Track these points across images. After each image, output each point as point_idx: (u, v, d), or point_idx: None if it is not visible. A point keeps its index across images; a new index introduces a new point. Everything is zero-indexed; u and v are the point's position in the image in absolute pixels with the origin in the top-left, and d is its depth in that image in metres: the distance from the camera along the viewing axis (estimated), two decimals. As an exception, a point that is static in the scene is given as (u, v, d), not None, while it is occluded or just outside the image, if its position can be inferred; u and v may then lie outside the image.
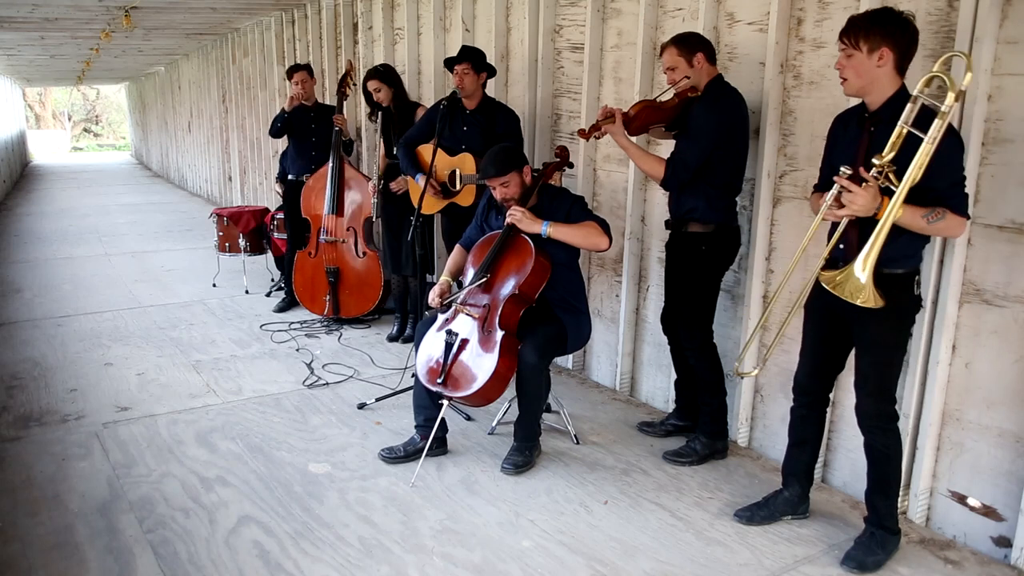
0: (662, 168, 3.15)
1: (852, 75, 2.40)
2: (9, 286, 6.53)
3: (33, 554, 2.66)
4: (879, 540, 2.62)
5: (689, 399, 3.54)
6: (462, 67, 4.14)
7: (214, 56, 11.61)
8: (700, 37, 3.19)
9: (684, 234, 3.26)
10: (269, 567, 2.60)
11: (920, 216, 2.32)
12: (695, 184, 3.15)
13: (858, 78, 2.39)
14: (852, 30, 2.36)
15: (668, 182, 3.18)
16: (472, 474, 3.23)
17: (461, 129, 4.29)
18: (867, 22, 2.35)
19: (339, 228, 5.29)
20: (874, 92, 2.40)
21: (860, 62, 2.36)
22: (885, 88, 2.38)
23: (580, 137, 3.22)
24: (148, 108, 20.03)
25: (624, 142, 3.16)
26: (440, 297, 3.31)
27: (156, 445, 3.50)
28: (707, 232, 3.20)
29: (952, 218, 2.33)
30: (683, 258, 3.28)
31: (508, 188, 3.27)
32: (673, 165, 3.13)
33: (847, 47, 2.38)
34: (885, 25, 2.33)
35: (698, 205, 3.17)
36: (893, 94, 2.38)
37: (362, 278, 5.28)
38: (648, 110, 3.16)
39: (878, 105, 2.41)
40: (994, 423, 2.68)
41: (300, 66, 5.59)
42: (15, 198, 13.30)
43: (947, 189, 2.33)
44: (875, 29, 2.32)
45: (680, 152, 3.15)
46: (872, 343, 2.53)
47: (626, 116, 3.12)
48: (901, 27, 2.33)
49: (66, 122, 35.14)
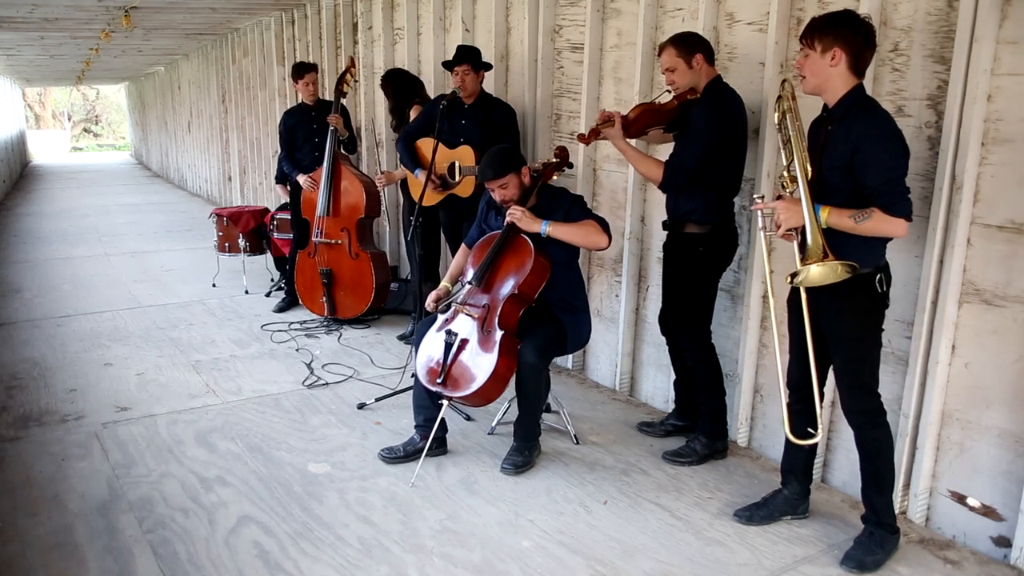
0: (660, 171, 3.14)
1: (808, 74, 2.48)
2: (9, 286, 6.53)
3: (33, 554, 2.66)
4: (878, 540, 2.62)
5: (688, 399, 3.54)
6: (462, 68, 4.17)
7: (214, 56, 11.61)
8: (699, 37, 3.18)
9: (682, 235, 3.26)
10: (269, 567, 2.60)
11: (847, 217, 2.37)
12: (693, 185, 3.14)
13: (813, 77, 2.47)
14: (809, 31, 2.45)
15: (666, 185, 3.17)
16: (472, 474, 3.23)
17: (459, 123, 4.33)
18: (822, 24, 2.43)
19: (333, 229, 5.29)
20: (829, 91, 2.47)
21: (814, 61, 2.45)
22: (838, 87, 2.44)
23: (580, 142, 3.20)
24: (148, 108, 20.03)
25: (622, 145, 3.15)
26: (436, 303, 3.32)
27: (156, 445, 3.50)
28: (704, 233, 3.19)
29: (881, 217, 2.35)
30: (681, 259, 3.28)
31: (507, 190, 3.27)
32: (672, 168, 3.13)
33: (804, 47, 2.47)
34: (838, 27, 2.40)
35: (696, 206, 3.17)
36: (846, 93, 2.44)
37: (355, 280, 5.27)
38: (647, 113, 3.14)
39: (833, 103, 2.48)
40: (994, 423, 2.68)
41: (309, 65, 5.51)
42: (15, 198, 13.30)
43: (878, 186, 2.36)
44: (828, 30, 2.41)
45: (678, 155, 3.15)
46: (840, 340, 2.57)
47: (625, 120, 3.11)
48: (854, 29, 2.40)
49: (66, 122, 35.14)
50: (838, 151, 2.44)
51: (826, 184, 2.47)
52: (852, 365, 2.57)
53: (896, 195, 2.36)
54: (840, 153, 2.42)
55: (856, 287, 2.44)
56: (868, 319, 2.55)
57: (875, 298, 2.51)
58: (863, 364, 2.57)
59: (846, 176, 2.42)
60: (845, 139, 2.41)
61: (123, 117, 31.38)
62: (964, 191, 2.62)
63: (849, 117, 2.43)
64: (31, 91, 30.44)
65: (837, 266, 2.33)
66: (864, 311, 2.52)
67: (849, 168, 2.40)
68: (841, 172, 2.43)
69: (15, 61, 13.51)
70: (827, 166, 2.47)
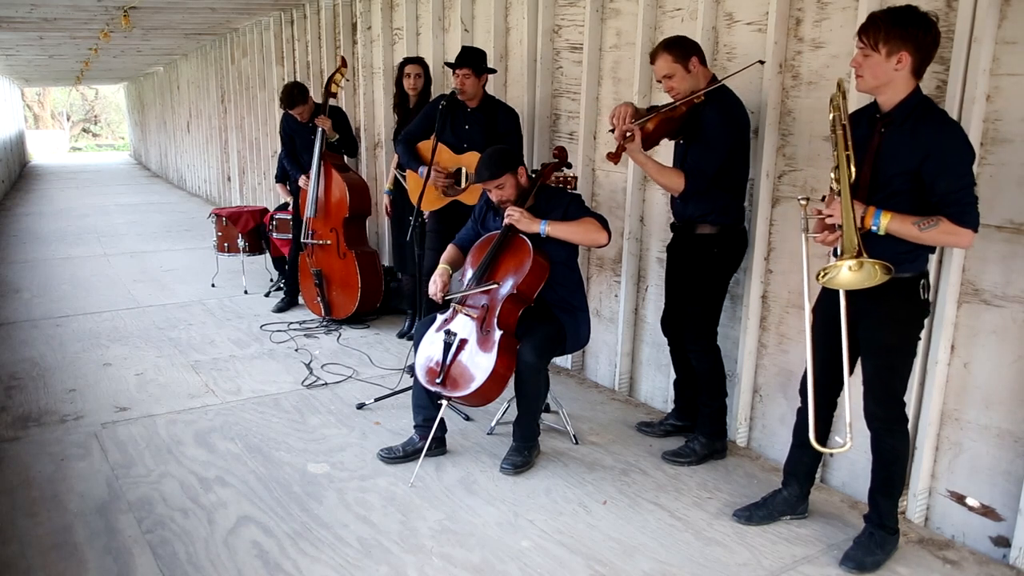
0: (682, 180, 3.06)
1: (868, 75, 2.33)
2: (8, 286, 6.52)
3: (32, 554, 2.66)
4: (878, 540, 2.62)
5: (688, 399, 3.54)
6: (463, 71, 4.14)
7: (213, 56, 11.60)
8: (690, 41, 3.12)
9: (694, 236, 3.22)
10: (268, 567, 2.60)
11: (911, 224, 2.28)
12: (707, 188, 3.11)
13: (874, 79, 2.33)
14: (872, 30, 2.28)
15: (688, 194, 3.09)
16: (471, 474, 3.23)
17: (463, 128, 4.29)
18: (888, 23, 2.26)
19: (322, 229, 5.30)
20: (888, 92, 2.34)
21: (877, 64, 2.29)
22: (900, 90, 2.32)
23: (609, 161, 3.08)
24: (147, 108, 20.02)
25: (642, 159, 3.06)
26: (441, 291, 3.31)
27: (155, 445, 3.49)
28: (717, 234, 3.17)
29: (948, 227, 2.26)
30: (692, 260, 3.25)
31: (504, 190, 3.26)
32: (692, 176, 3.05)
33: (865, 46, 2.30)
34: (906, 27, 2.24)
35: (710, 208, 3.13)
36: (907, 96, 2.33)
37: (343, 279, 5.28)
38: (662, 122, 3.06)
39: (891, 106, 2.36)
40: (993, 423, 2.68)
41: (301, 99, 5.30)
42: (14, 198, 13.28)
43: (950, 194, 2.26)
44: (895, 31, 2.24)
45: (697, 161, 3.07)
46: (876, 347, 2.50)
47: (644, 131, 3.01)
48: (924, 29, 2.25)
49: (65, 122, 35.11)
50: (902, 156, 2.32)
51: (886, 188, 2.36)
52: (884, 372, 2.51)
53: (967, 204, 2.25)
54: (906, 159, 2.31)
55: (899, 293, 2.39)
56: (909, 327, 2.48)
57: (917, 305, 2.45)
58: (895, 372, 2.51)
59: (910, 182, 2.31)
60: (911, 144, 2.30)
61: (122, 117, 31.37)
62: (963, 191, 2.62)
63: (912, 120, 2.31)
64: (30, 91, 30.43)
65: (875, 270, 2.23)
66: (906, 319, 2.46)
67: (915, 174, 2.29)
68: (905, 178, 2.32)
69: (14, 61, 13.50)
70: (889, 171, 2.36)
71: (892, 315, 2.44)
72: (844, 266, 2.24)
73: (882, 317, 2.45)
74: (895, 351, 2.50)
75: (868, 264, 2.23)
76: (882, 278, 2.24)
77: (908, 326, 2.49)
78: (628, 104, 3.11)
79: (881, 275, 2.24)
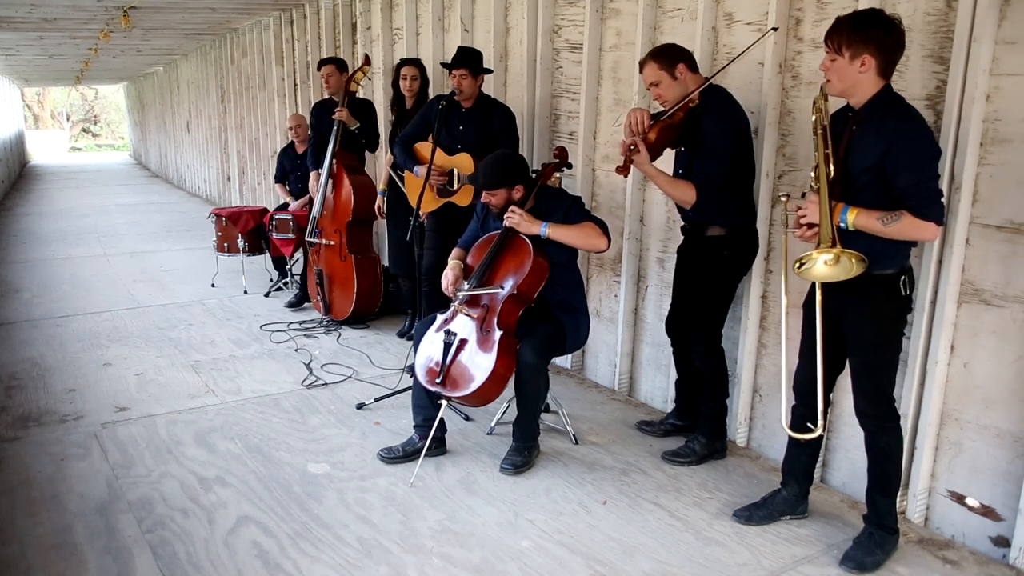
0: (693, 192, 3.02)
1: (835, 79, 2.40)
2: (8, 286, 6.53)
3: (32, 554, 2.66)
4: (878, 540, 2.62)
5: (689, 399, 3.54)
6: (460, 72, 4.13)
7: (213, 56, 11.61)
8: (678, 48, 3.11)
9: (704, 238, 3.20)
10: (268, 567, 2.60)
11: (875, 219, 2.32)
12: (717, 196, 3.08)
13: (840, 82, 2.40)
14: (835, 35, 2.36)
15: (700, 206, 3.06)
16: (471, 474, 3.23)
17: (457, 128, 4.27)
18: (850, 27, 2.33)
19: (328, 229, 5.30)
20: (856, 95, 2.41)
21: (843, 67, 2.36)
22: (867, 91, 2.38)
23: (619, 174, 3.04)
24: (147, 108, 20.02)
25: (652, 172, 3.01)
26: (454, 285, 3.30)
27: (155, 445, 3.50)
28: (727, 235, 3.16)
29: (911, 220, 2.29)
30: (703, 262, 3.23)
31: (495, 198, 3.29)
32: (703, 188, 3.02)
33: (830, 51, 2.38)
34: (867, 30, 2.30)
35: (720, 210, 3.11)
36: (875, 94, 2.38)
37: (341, 281, 5.29)
38: (664, 131, 3.03)
39: (860, 105, 2.42)
40: (992, 423, 2.68)
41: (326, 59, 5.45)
42: (13, 198, 13.29)
43: (908, 188, 2.30)
44: (857, 35, 2.31)
45: (704, 170, 3.04)
46: (860, 344, 2.53)
47: (647, 142, 2.99)
48: (885, 31, 2.31)
49: (64, 122, 35.12)
50: (867, 152, 2.37)
51: (854, 185, 2.41)
52: (870, 369, 2.53)
53: (926, 198, 2.29)
54: (870, 154, 2.36)
55: (880, 289, 2.42)
56: (891, 323, 2.51)
57: (899, 301, 2.47)
58: (881, 368, 2.54)
59: (876, 177, 2.36)
60: (875, 140, 2.35)
61: (122, 117, 31.37)
62: (963, 191, 2.62)
63: (877, 117, 2.37)
64: (30, 91, 30.43)
65: (851, 263, 2.27)
66: (887, 315, 2.48)
67: (880, 169, 2.34)
68: (871, 173, 2.37)
69: (14, 61, 13.50)
70: (856, 167, 2.40)
71: (875, 312, 2.47)
72: (820, 259, 2.31)
73: (866, 314, 2.49)
74: (879, 347, 2.52)
75: (844, 257, 2.29)
76: (859, 269, 2.29)
77: (891, 322, 2.52)
78: (643, 109, 3.08)
79: (857, 267, 2.29)
